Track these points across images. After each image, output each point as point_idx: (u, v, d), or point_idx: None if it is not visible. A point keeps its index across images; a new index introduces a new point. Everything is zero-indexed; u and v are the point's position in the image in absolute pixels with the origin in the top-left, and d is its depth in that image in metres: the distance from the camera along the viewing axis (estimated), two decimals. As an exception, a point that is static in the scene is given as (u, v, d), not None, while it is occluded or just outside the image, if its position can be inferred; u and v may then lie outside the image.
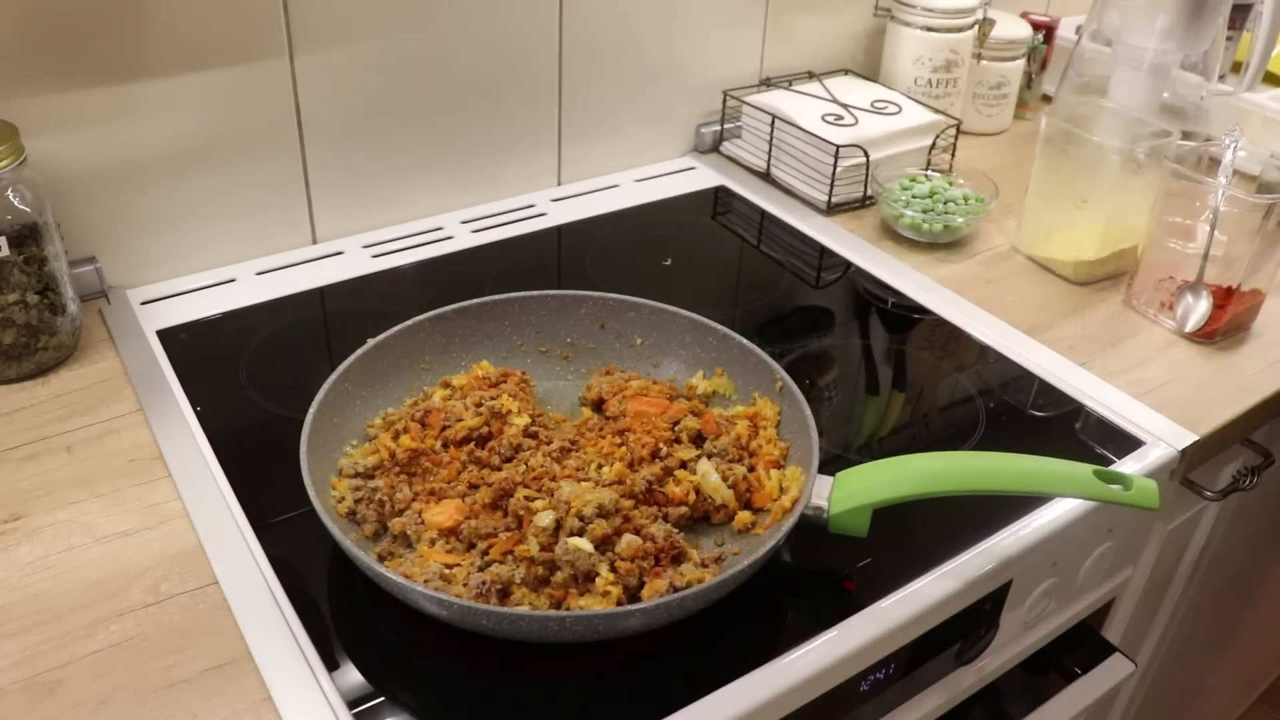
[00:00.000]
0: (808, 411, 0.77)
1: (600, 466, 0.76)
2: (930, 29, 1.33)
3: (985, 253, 1.16)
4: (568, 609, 0.66)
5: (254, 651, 0.66)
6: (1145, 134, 1.07)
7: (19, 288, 0.86)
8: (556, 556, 0.67)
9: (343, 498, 0.73)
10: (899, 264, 1.12)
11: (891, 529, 0.72)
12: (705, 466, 0.76)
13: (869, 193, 1.23)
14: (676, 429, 0.80)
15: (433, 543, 0.70)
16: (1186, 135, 1.12)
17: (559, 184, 1.26)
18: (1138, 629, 1.16)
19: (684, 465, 0.77)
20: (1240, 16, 1.40)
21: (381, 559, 0.70)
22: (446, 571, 0.67)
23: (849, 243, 1.16)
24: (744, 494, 0.76)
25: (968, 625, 0.80)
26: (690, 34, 1.26)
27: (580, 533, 0.69)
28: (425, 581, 0.66)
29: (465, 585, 0.66)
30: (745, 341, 0.85)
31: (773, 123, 1.26)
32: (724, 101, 1.32)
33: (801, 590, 0.74)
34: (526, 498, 0.72)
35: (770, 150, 1.27)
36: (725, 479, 0.75)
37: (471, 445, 0.78)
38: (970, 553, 0.76)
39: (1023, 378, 0.96)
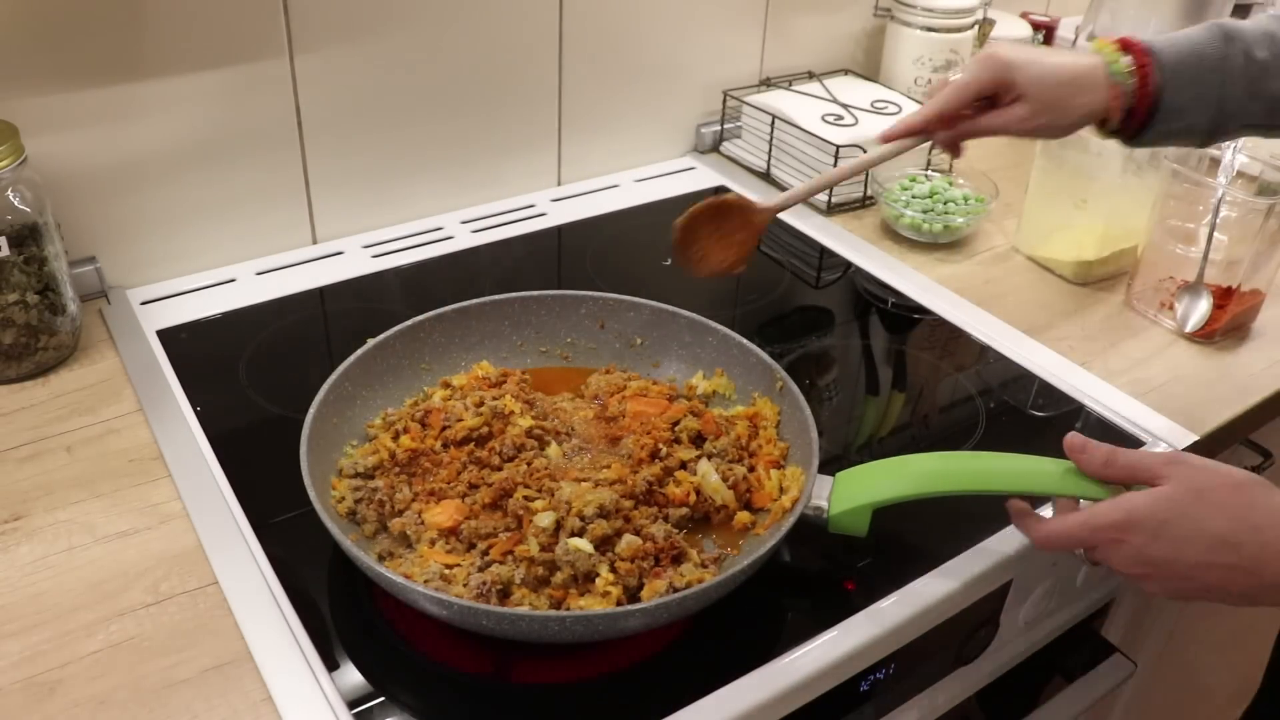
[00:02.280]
0: (808, 411, 0.77)
1: (603, 467, 0.76)
2: (930, 29, 1.32)
3: (985, 253, 1.16)
4: (568, 609, 0.66)
5: (254, 651, 0.66)
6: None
7: (19, 288, 0.85)
8: (556, 557, 0.67)
9: (343, 498, 0.73)
10: (899, 264, 1.12)
11: (891, 529, 0.72)
12: (705, 467, 0.76)
13: (869, 193, 1.23)
14: (676, 429, 0.80)
15: (433, 543, 0.70)
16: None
17: (559, 184, 1.26)
18: (1138, 629, 1.16)
19: (684, 466, 0.77)
20: (1240, 17, 1.40)
21: (381, 559, 0.70)
22: (446, 571, 0.67)
23: (849, 243, 1.16)
24: (744, 494, 0.76)
25: (968, 625, 0.80)
26: (690, 34, 1.26)
27: (580, 533, 0.69)
28: (425, 581, 0.66)
29: (465, 585, 0.66)
30: (745, 341, 0.85)
31: (773, 123, 1.26)
32: (724, 101, 1.32)
33: (801, 590, 0.74)
34: (526, 498, 0.72)
35: (770, 150, 1.28)
36: (725, 479, 0.75)
37: (471, 445, 0.78)
38: (970, 553, 0.76)
39: (1023, 378, 0.96)
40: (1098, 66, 0.75)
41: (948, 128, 0.79)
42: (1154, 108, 0.75)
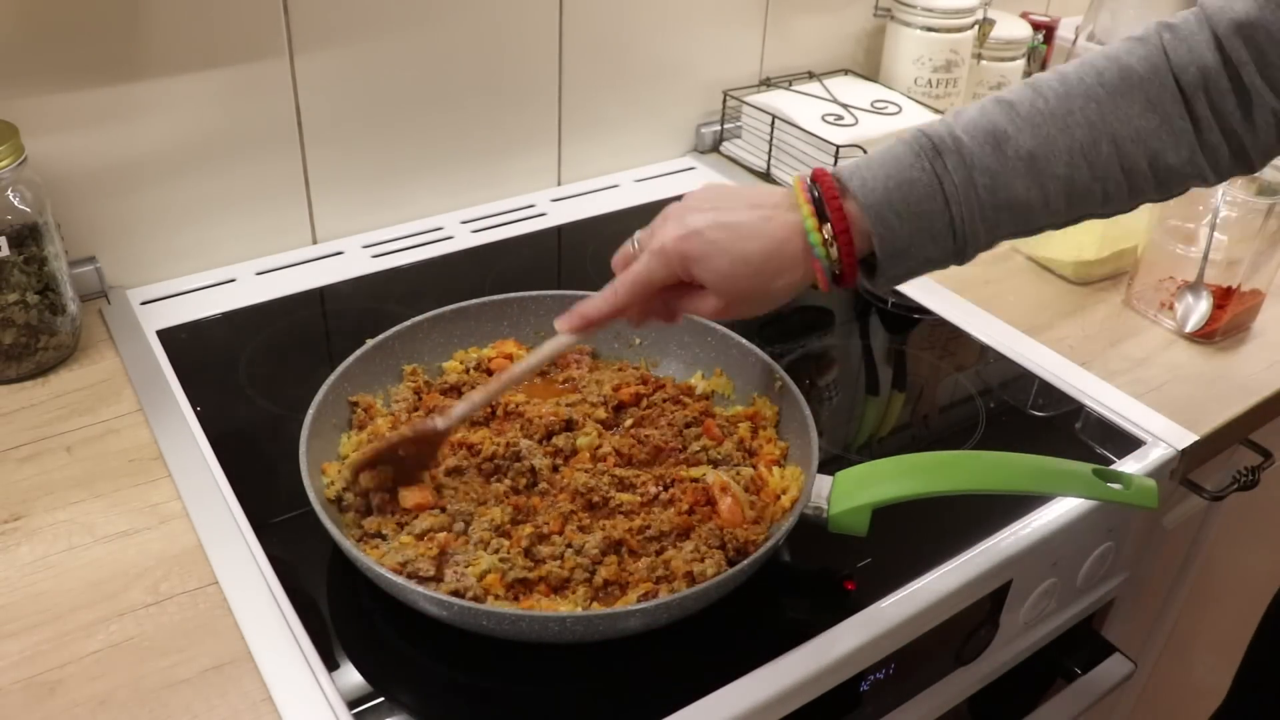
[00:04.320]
0: (807, 411, 0.77)
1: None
2: (930, 29, 1.33)
3: (985, 253, 1.15)
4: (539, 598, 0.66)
5: (254, 651, 0.66)
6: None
7: (19, 288, 0.85)
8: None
9: (331, 482, 0.73)
10: (899, 264, 1.12)
11: (891, 529, 0.72)
12: (715, 476, 0.75)
13: (869, 193, 1.22)
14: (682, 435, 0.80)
15: (419, 536, 0.70)
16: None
17: (559, 184, 1.26)
18: (1138, 629, 1.16)
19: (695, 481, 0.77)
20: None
21: (362, 541, 0.70)
22: (433, 557, 0.67)
23: (849, 243, 1.16)
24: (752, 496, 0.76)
25: (968, 625, 0.80)
26: (690, 34, 1.26)
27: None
28: (408, 573, 0.66)
29: (450, 579, 0.66)
30: (745, 341, 0.85)
31: (773, 123, 1.26)
32: (724, 101, 1.32)
33: (801, 590, 0.74)
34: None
35: (770, 150, 1.27)
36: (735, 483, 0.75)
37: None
38: (970, 553, 0.76)
39: (1023, 378, 0.96)
40: (793, 237, 0.63)
41: (635, 315, 0.70)
42: (867, 260, 0.65)
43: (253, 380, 0.91)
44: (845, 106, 1.27)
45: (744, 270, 0.64)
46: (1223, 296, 1.00)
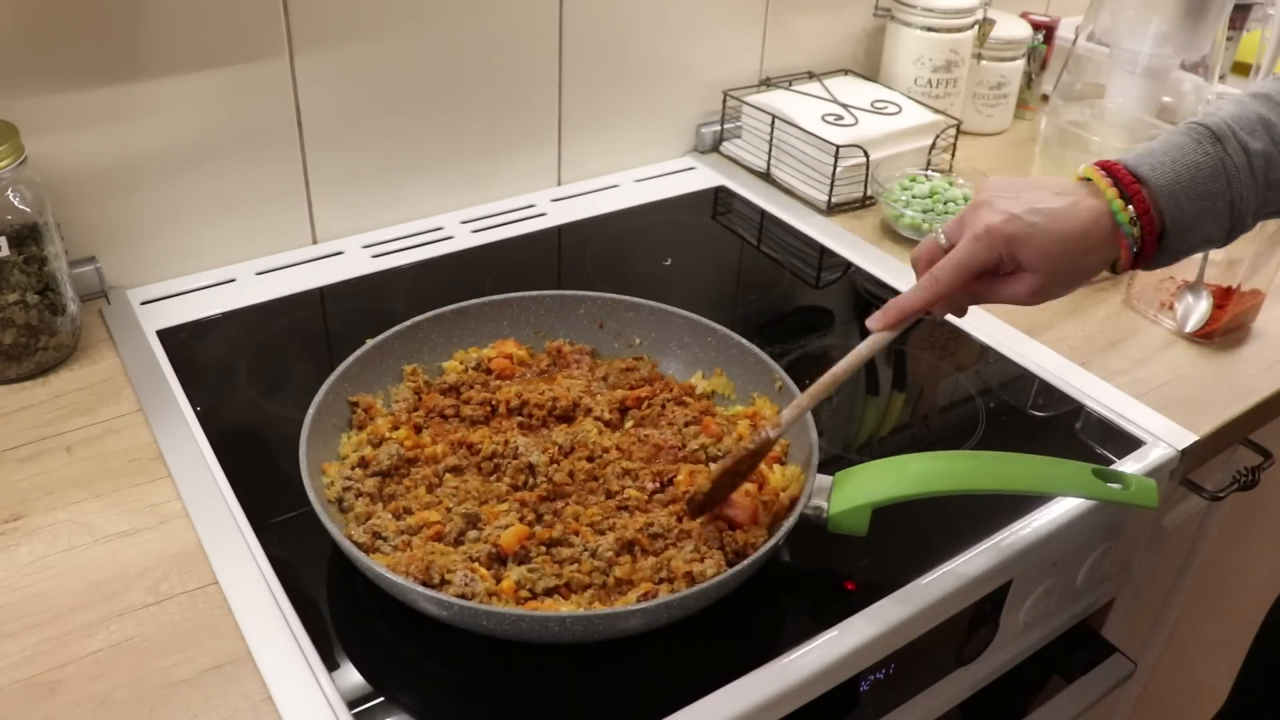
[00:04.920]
0: (808, 411, 0.77)
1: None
2: (930, 29, 1.33)
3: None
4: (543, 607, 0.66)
5: (254, 651, 0.66)
6: (1146, 135, 1.07)
7: (19, 288, 0.85)
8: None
9: (332, 482, 0.73)
10: (899, 264, 1.12)
11: (891, 529, 0.72)
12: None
13: (869, 193, 1.23)
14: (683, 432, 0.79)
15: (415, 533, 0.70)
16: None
17: (559, 184, 1.26)
18: (1138, 629, 1.16)
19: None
20: (1240, 17, 1.40)
21: (364, 547, 0.70)
22: (435, 561, 0.67)
23: (849, 243, 1.16)
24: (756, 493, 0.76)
25: (968, 625, 0.80)
26: (690, 34, 1.26)
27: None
28: (410, 574, 0.66)
29: (451, 581, 0.66)
30: (745, 341, 0.85)
31: (773, 123, 1.26)
32: (724, 101, 1.32)
33: (801, 590, 0.74)
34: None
35: (770, 150, 1.28)
36: None
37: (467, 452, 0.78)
38: (970, 553, 0.76)
39: (1023, 378, 0.96)
40: (1101, 217, 0.69)
41: (943, 305, 0.73)
42: (1160, 239, 0.69)
43: (253, 380, 0.91)
44: (845, 106, 1.27)
45: (1063, 249, 0.69)
46: (1223, 296, 1.00)
